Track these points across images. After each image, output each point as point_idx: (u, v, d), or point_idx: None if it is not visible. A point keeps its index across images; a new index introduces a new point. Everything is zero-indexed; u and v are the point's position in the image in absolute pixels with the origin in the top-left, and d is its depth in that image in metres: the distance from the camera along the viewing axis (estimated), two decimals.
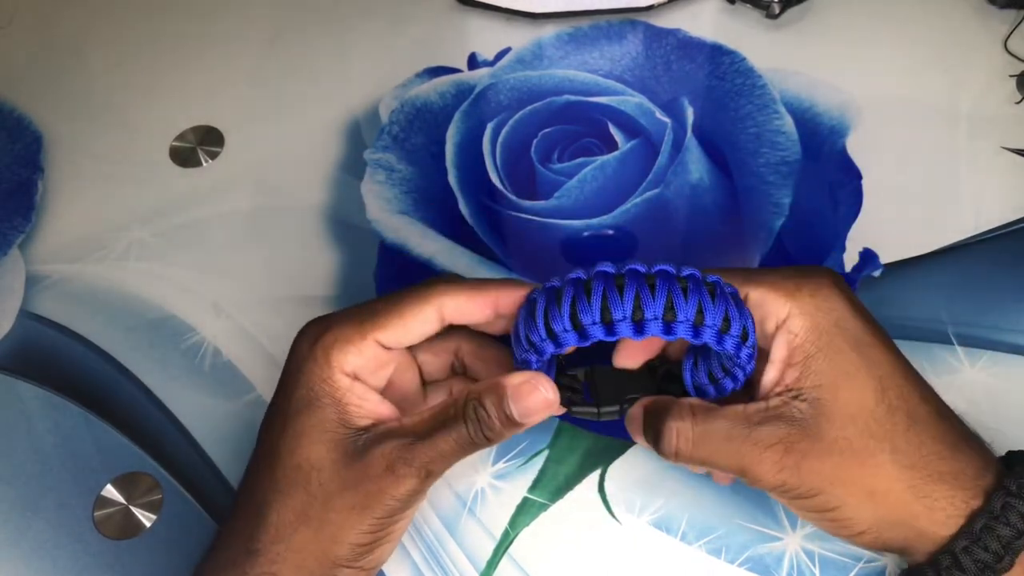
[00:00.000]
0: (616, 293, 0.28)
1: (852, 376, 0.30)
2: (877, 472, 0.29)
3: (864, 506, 0.30)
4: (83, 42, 0.57)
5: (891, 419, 0.30)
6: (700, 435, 0.30)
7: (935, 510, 0.29)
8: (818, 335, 0.30)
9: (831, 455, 0.29)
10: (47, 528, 0.38)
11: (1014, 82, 0.51)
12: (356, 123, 0.52)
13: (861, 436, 0.29)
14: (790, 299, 0.31)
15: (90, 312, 0.45)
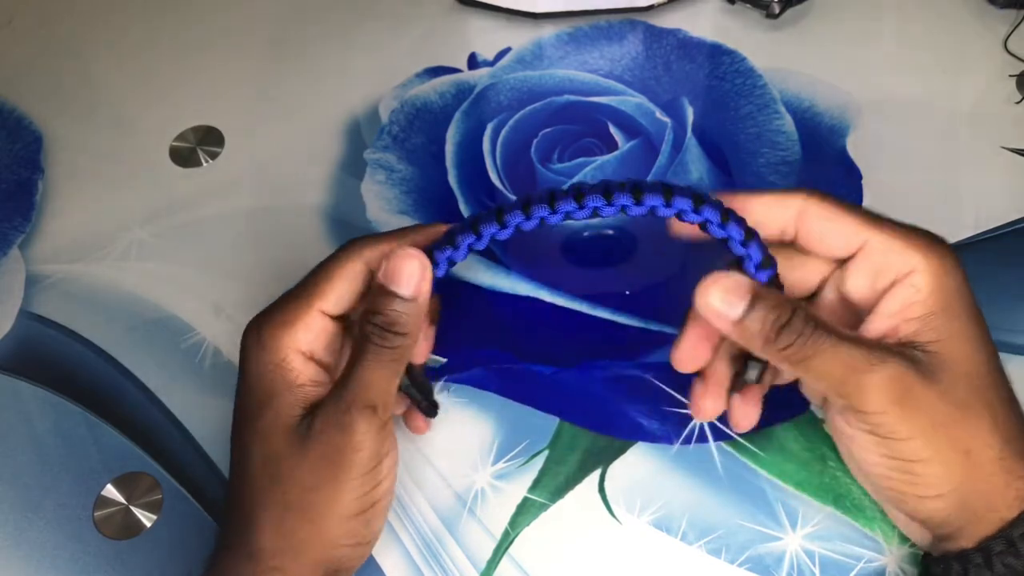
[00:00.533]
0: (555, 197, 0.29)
1: (970, 340, 0.30)
2: (978, 431, 0.29)
3: (954, 465, 0.29)
4: (83, 42, 0.57)
5: (996, 390, 0.30)
6: (805, 330, 0.29)
7: (1011, 486, 0.29)
8: (943, 295, 0.30)
9: (940, 400, 0.29)
10: (47, 528, 0.38)
11: (1014, 82, 0.51)
12: (356, 123, 0.52)
13: (970, 394, 0.29)
14: (919, 253, 0.30)
15: (90, 312, 0.45)
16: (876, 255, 0.30)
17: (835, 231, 0.31)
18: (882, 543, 0.36)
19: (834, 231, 0.31)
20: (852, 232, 0.31)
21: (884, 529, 0.36)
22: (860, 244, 0.31)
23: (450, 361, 0.42)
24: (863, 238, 0.31)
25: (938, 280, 0.30)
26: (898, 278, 0.30)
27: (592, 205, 0.29)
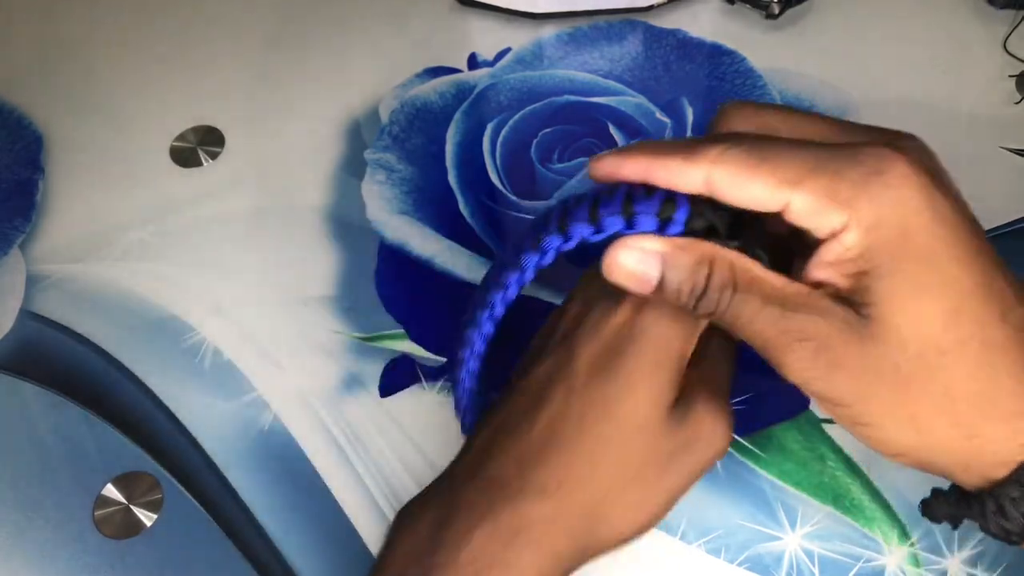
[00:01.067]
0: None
1: (916, 299, 0.25)
2: (923, 400, 0.25)
3: (903, 431, 0.26)
4: (83, 42, 0.57)
5: (959, 350, 0.25)
6: (723, 298, 0.26)
7: (984, 451, 0.25)
8: (879, 250, 0.25)
9: (867, 374, 0.25)
10: (47, 528, 0.38)
11: (1013, 82, 0.51)
12: (356, 123, 0.52)
13: (912, 364, 0.25)
14: (847, 208, 0.25)
15: (90, 312, 0.45)
16: (799, 216, 0.25)
17: (750, 197, 0.26)
18: (881, 543, 0.36)
19: (749, 197, 0.26)
20: (769, 195, 0.26)
21: (883, 529, 0.36)
22: (782, 205, 0.26)
23: (450, 361, 0.42)
24: (783, 199, 0.25)
25: (871, 236, 0.25)
26: (828, 235, 0.26)
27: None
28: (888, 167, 0.25)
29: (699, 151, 0.26)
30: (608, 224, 0.27)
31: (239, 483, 0.39)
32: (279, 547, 0.38)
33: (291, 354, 0.43)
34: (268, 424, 0.41)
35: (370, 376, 0.42)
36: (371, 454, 0.40)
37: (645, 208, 0.27)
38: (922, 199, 0.25)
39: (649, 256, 0.27)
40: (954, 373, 0.25)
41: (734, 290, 0.26)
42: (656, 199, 0.27)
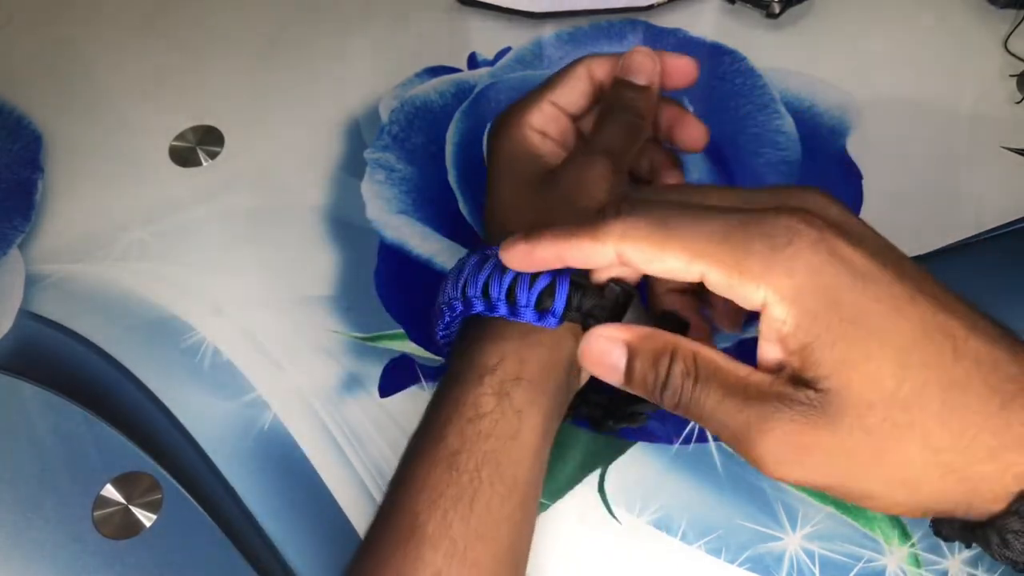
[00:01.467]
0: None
1: (862, 362, 0.25)
2: (907, 460, 0.25)
3: (897, 493, 0.26)
4: (83, 42, 0.57)
5: (919, 400, 0.24)
6: (684, 389, 0.26)
7: (982, 491, 0.25)
8: (811, 321, 0.25)
9: (842, 451, 0.25)
10: (47, 528, 0.38)
11: (1014, 82, 0.51)
12: (356, 123, 0.52)
13: (883, 424, 0.25)
14: (762, 282, 0.25)
15: (90, 312, 0.45)
16: (719, 290, 0.26)
17: (666, 269, 0.26)
18: (882, 543, 0.36)
19: (665, 270, 0.26)
20: (684, 268, 0.26)
21: (884, 529, 0.36)
22: (699, 277, 0.26)
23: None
24: (698, 271, 0.26)
25: (796, 307, 0.25)
26: (756, 309, 0.26)
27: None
28: (794, 236, 0.25)
29: (603, 228, 0.27)
30: (498, 307, 0.31)
31: (239, 483, 0.39)
32: (278, 547, 0.38)
33: (291, 354, 0.43)
34: (268, 424, 0.41)
35: (370, 376, 0.42)
36: (371, 454, 0.40)
37: (525, 299, 0.31)
38: (836, 262, 0.25)
39: (615, 345, 0.28)
40: (925, 424, 0.25)
41: (695, 381, 0.26)
42: (534, 291, 0.30)
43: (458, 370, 0.33)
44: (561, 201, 0.34)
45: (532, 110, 0.37)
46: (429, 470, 0.31)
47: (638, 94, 0.36)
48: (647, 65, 0.36)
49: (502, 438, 0.31)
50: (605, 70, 0.37)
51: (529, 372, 0.32)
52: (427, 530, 0.30)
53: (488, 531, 0.31)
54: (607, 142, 0.35)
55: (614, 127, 0.35)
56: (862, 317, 0.25)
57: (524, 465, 0.32)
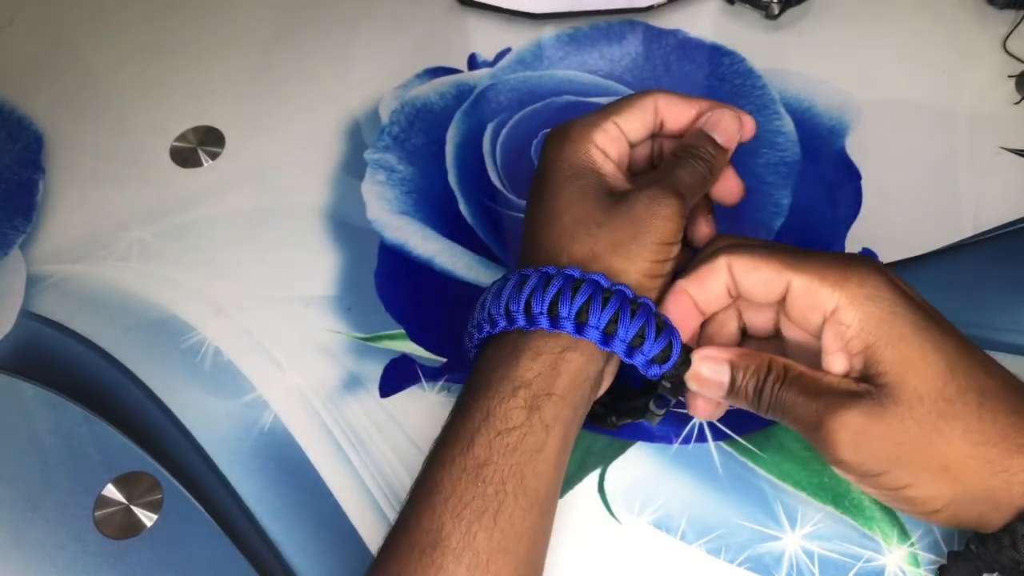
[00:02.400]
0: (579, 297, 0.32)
1: (918, 361, 0.30)
2: (949, 448, 0.29)
3: (938, 484, 0.30)
4: (84, 42, 0.57)
5: (962, 399, 0.30)
6: (789, 398, 0.32)
7: (1012, 484, 0.29)
8: (875, 324, 0.30)
9: (900, 432, 0.30)
10: (47, 528, 0.38)
11: (1013, 82, 0.51)
12: (356, 123, 0.52)
13: (930, 416, 0.30)
14: (838, 289, 0.31)
15: (90, 312, 0.45)
16: (799, 297, 0.32)
17: (759, 281, 0.33)
18: (881, 543, 0.36)
19: (758, 281, 0.33)
20: (773, 278, 0.33)
21: (883, 529, 0.37)
22: (784, 287, 0.32)
23: (450, 361, 0.42)
24: (785, 281, 0.32)
25: (863, 311, 0.31)
26: (825, 317, 0.32)
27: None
28: (859, 265, 0.32)
29: (716, 260, 0.34)
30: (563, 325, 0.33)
31: (239, 483, 0.39)
32: (279, 547, 0.38)
33: (291, 354, 0.43)
34: (268, 424, 0.41)
35: (370, 376, 0.42)
36: (371, 454, 0.40)
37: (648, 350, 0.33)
38: (894, 286, 0.31)
39: (721, 365, 0.33)
40: (967, 419, 0.30)
41: (782, 384, 0.32)
42: (657, 344, 0.33)
43: (488, 381, 0.33)
44: (629, 225, 0.34)
45: (597, 128, 0.37)
46: (456, 480, 0.31)
47: (718, 152, 0.37)
48: (732, 128, 0.37)
49: (528, 452, 0.32)
50: (671, 110, 0.38)
51: (561, 387, 0.33)
52: (451, 542, 0.30)
53: (510, 544, 0.31)
54: (684, 184, 0.35)
55: (692, 172, 0.36)
56: (917, 329, 0.31)
57: (547, 479, 0.32)
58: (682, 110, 0.38)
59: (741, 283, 0.34)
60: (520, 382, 0.32)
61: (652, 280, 0.34)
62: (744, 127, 0.38)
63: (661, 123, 0.38)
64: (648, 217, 0.34)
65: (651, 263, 0.34)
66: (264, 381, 0.42)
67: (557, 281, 0.33)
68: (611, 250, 0.34)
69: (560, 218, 0.35)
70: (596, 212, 0.35)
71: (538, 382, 0.33)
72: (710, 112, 0.37)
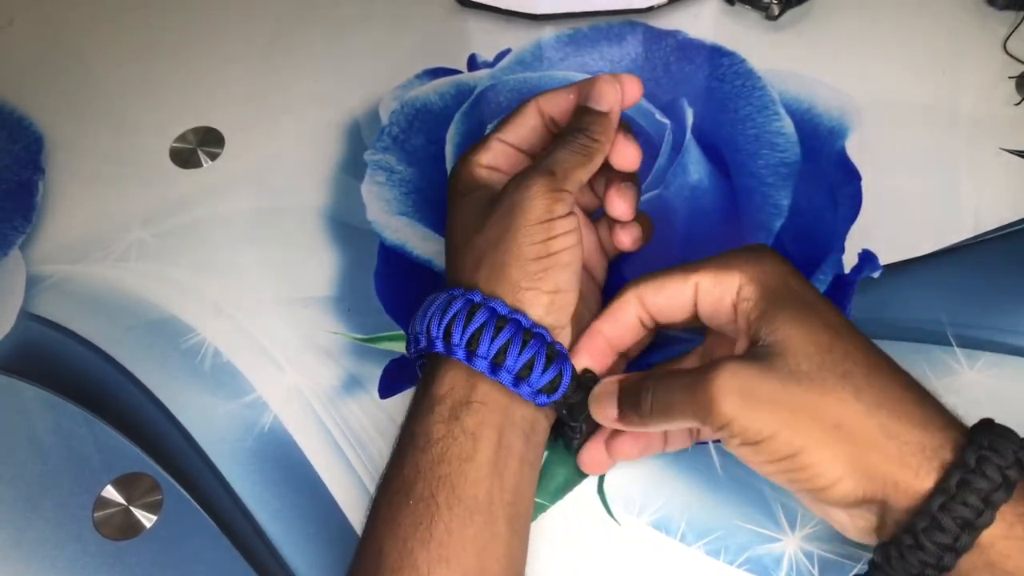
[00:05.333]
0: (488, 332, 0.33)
1: (805, 322, 0.31)
2: (841, 404, 0.29)
3: (831, 444, 0.28)
4: (84, 42, 0.57)
5: (849, 361, 0.30)
6: (664, 388, 0.32)
7: (906, 454, 0.28)
8: (770, 292, 0.32)
9: (786, 385, 0.29)
10: (47, 528, 0.38)
11: (1013, 83, 0.51)
12: (356, 124, 0.52)
13: (819, 370, 0.29)
14: (738, 271, 0.33)
15: (90, 312, 0.45)
16: (707, 293, 0.34)
17: (669, 296, 0.35)
18: None
19: (668, 297, 0.35)
20: (680, 287, 0.34)
21: None
22: (692, 292, 0.34)
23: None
24: (692, 284, 0.34)
25: (761, 283, 0.32)
26: (734, 301, 0.33)
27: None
28: (756, 249, 0.34)
29: (624, 294, 0.36)
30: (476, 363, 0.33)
31: (239, 484, 0.39)
32: (278, 548, 0.38)
33: (291, 355, 0.43)
34: (268, 425, 0.41)
35: (369, 377, 0.42)
36: (371, 455, 0.40)
37: (535, 381, 0.34)
38: (786, 266, 0.33)
39: (611, 395, 0.34)
40: (856, 380, 0.29)
41: (656, 380, 0.32)
42: (547, 375, 0.34)
43: (414, 403, 0.35)
44: (501, 217, 0.35)
45: (481, 150, 0.38)
46: (390, 502, 0.32)
47: (594, 118, 0.37)
48: (609, 93, 0.37)
49: (455, 461, 0.32)
50: (552, 104, 0.39)
51: (480, 394, 0.33)
52: (389, 561, 0.31)
53: (452, 554, 0.31)
54: (556, 160, 0.36)
55: (559, 148, 0.36)
56: (808, 300, 0.32)
57: (483, 486, 0.32)
58: (562, 99, 0.38)
59: (652, 307, 0.35)
60: (435, 399, 0.34)
61: (539, 263, 0.34)
62: (625, 89, 0.37)
63: (552, 120, 0.39)
64: (515, 203, 0.34)
65: (529, 246, 0.34)
66: (264, 382, 0.42)
67: (456, 304, 0.34)
68: (492, 249, 0.34)
69: (454, 236, 0.37)
70: (477, 219, 0.36)
71: (453, 395, 0.33)
72: (587, 86, 0.38)
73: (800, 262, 0.44)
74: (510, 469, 0.33)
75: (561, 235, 0.34)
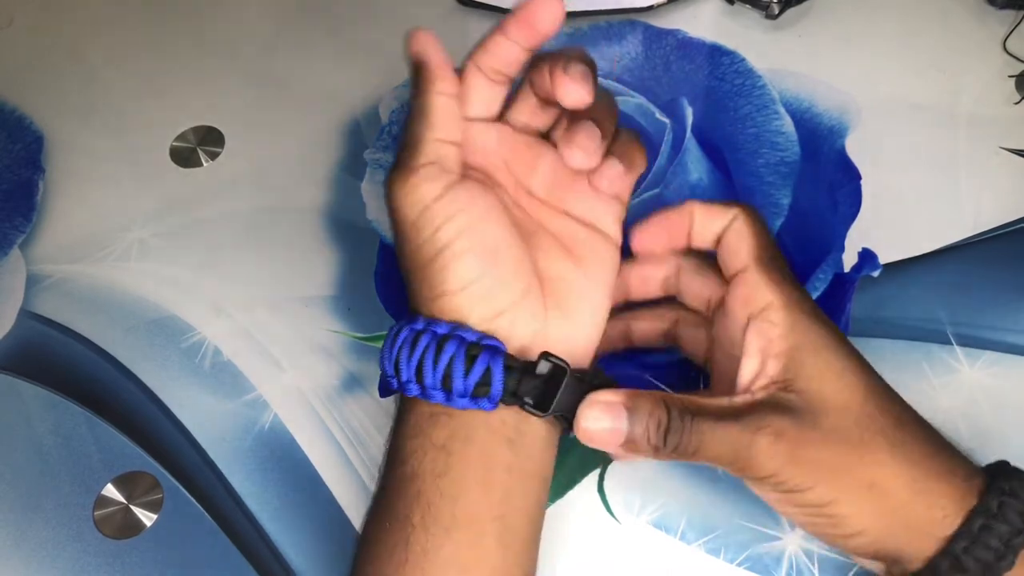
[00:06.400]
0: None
1: (839, 372, 0.29)
2: (877, 465, 0.28)
3: (863, 501, 0.28)
4: (84, 42, 0.57)
5: (882, 417, 0.29)
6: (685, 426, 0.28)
7: (934, 508, 0.28)
8: (802, 330, 0.29)
9: (827, 444, 0.28)
10: (47, 528, 0.38)
11: (1013, 82, 0.51)
12: (356, 123, 0.52)
13: (857, 428, 0.29)
14: (775, 288, 0.30)
15: (90, 312, 0.45)
16: (743, 285, 0.31)
17: (718, 232, 0.32)
18: None
19: (717, 232, 0.32)
20: (736, 243, 0.32)
21: None
22: (739, 263, 0.31)
23: None
24: (743, 264, 0.31)
25: (792, 314, 0.30)
26: (752, 314, 0.30)
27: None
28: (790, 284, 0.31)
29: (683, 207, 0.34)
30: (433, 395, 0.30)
31: (239, 483, 0.39)
32: (279, 547, 0.38)
33: (291, 354, 0.43)
34: (268, 424, 0.41)
35: (370, 376, 0.42)
36: (371, 454, 0.40)
37: (462, 388, 0.29)
38: (816, 306, 0.31)
39: (613, 408, 0.29)
40: (890, 436, 0.29)
41: (692, 416, 0.28)
42: (471, 379, 0.29)
43: (395, 417, 0.32)
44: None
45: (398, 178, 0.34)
46: (370, 522, 0.31)
47: (412, 71, 0.33)
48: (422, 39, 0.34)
49: (428, 477, 0.29)
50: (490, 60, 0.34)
51: (443, 407, 0.30)
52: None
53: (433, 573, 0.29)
54: (402, 149, 0.32)
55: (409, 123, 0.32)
56: (839, 345, 0.30)
57: (462, 501, 0.29)
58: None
59: (700, 228, 0.32)
60: (404, 412, 0.31)
61: (434, 264, 0.30)
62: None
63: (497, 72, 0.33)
64: (389, 211, 0.31)
65: (417, 253, 0.30)
66: (264, 381, 0.42)
67: (390, 335, 0.31)
68: (404, 267, 0.31)
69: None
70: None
71: (417, 408, 0.30)
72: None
73: (800, 261, 0.44)
74: (495, 480, 0.30)
75: (443, 224, 0.30)
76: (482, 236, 0.30)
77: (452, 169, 0.31)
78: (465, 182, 0.31)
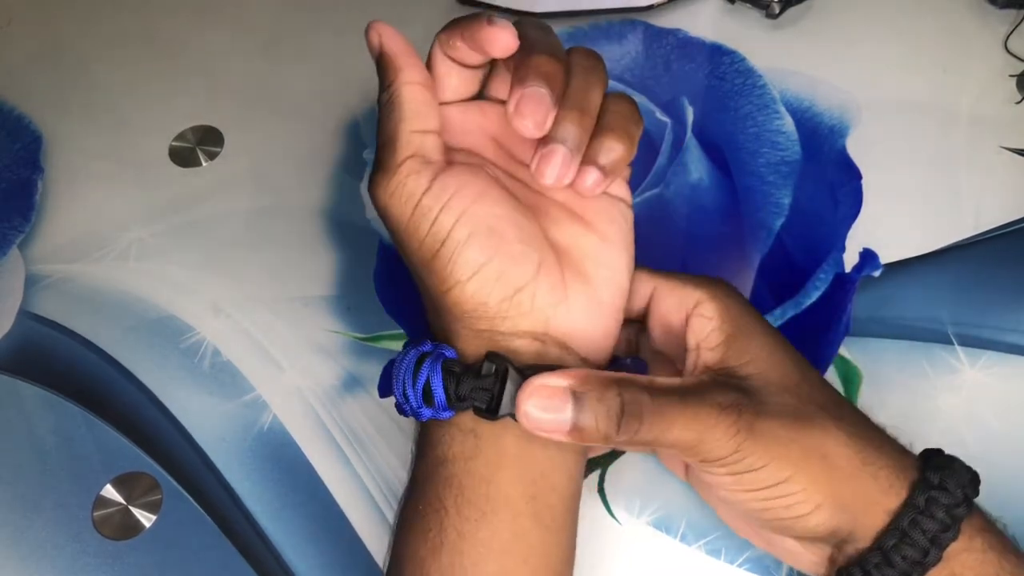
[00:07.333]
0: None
1: (773, 354, 0.30)
2: (826, 435, 0.29)
3: (817, 472, 0.28)
4: (83, 42, 0.57)
5: (819, 395, 0.30)
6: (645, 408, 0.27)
7: (880, 479, 0.29)
8: (735, 316, 0.30)
9: (779, 419, 0.28)
10: (47, 528, 0.38)
11: (1014, 82, 0.51)
12: (356, 123, 0.52)
13: (801, 403, 0.29)
14: (700, 287, 0.31)
15: (90, 312, 0.45)
16: (666, 298, 0.31)
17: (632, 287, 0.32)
18: None
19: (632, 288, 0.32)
20: (639, 284, 0.32)
21: None
22: (650, 292, 0.32)
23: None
24: (651, 284, 0.32)
25: (723, 305, 0.30)
26: (689, 313, 0.31)
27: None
28: (716, 279, 0.32)
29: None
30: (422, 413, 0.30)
31: (238, 483, 0.39)
32: (278, 547, 0.38)
33: (291, 354, 0.43)
34: (267, 424, 0.41)
35: (369, 376, 0.42)
36: (370, 454, 0.40)
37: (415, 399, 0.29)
38: (743, 297, 0.32)
39: (556, 394, 0.27)
40: (831, 412, 0.29)
41: (652, 395, 0.27)
42: (418, 387, 0.29)
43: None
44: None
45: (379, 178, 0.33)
46: (403, 512, 0.31)
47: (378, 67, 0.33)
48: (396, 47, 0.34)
49: (459, 460, 0.29)
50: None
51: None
52: (405, 574, 0.29)
53: (466, 561, 0.28)
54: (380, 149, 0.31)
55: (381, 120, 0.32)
56: (771, 331, 0.31)
57: (495, 481, 0.29)
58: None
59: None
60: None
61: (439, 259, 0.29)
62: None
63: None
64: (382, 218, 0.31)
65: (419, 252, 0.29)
66: (263, 381, 0.42)
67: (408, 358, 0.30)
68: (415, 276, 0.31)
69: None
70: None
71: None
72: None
73: (801, 261, 0.44)
74: (526, 459, 0.29)
75: (439, 215, 0.29)
76: (482, 218, 0.29)
77: (435, 158, 0.30)
78: (452, 168, 0.30)
